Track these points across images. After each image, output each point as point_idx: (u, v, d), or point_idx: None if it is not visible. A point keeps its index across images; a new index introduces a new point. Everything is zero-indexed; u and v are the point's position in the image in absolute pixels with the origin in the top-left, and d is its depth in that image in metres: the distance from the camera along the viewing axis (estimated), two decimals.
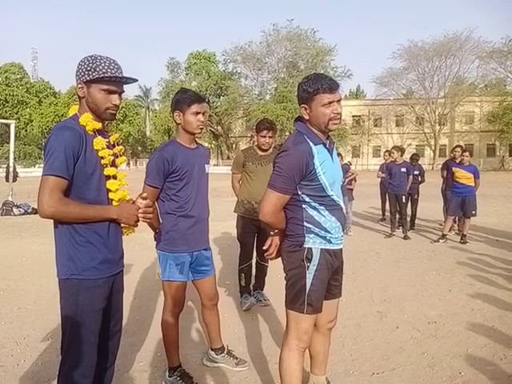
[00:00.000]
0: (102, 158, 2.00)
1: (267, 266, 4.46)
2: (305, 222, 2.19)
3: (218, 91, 47.30)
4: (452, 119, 47.68)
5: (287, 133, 37.33)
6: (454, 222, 8.44)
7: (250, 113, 42.46)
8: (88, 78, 1.94)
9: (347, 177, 8.83)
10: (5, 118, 35.71)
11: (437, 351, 3.31)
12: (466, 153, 7.75)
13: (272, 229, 2.34)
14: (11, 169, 12.26)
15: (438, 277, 5.45)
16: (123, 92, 2.04)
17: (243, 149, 4.52)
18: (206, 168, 2.86)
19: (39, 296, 4.63)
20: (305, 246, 2.20)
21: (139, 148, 56.73)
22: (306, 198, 2.18)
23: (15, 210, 11.53)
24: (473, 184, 7.64)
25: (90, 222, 1.94)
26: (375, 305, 4.40)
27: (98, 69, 1.92)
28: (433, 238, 7.98)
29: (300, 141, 2.16)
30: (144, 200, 2.06)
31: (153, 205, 2.22)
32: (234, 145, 50.74)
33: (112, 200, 2.03)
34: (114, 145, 2.14)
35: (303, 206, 2.19)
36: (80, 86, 1.98)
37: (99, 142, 1.98)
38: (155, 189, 2.64)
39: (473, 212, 7.62)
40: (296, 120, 2.30)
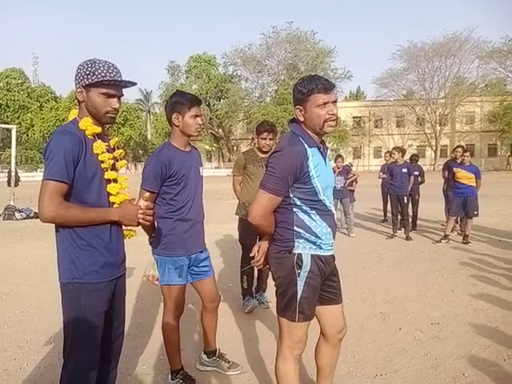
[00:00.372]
0: (102, 162, 2.00)
1: (269, 268, 4.45)
2: (295, 227, 2.12)
3: (219, 94, 47.43)
4: (453, 119, 47.64)
5: None
6: (456, 223, 8.43)
7: (251, 115, 42.56)
8: (87, 82, 1.94)
9: (348, 178, 8.84)
10: (6, 123, 35.69)
11: (440, 352, 3.30)
12: (467, 153, 7.76)
13: (260, 232, 2.23)
14: (13, 173, 12.29)
15: (441, 277, 5.44)
16: (122, 95, 2.05)
17: (244, 151, 4.53)
18: (201, 170, 2.86)
19: (41, 300, 4.63)
20: (294, 252, 2.12)
21: (140, 152, 56.71)
22: (298, 202, 2.11)
23: (17, 215, 11.55)
24: (474, 184, 7.64)
25: (92, 225, 1.94)
26: (378, 306, 4.39)
27: (97, 72, 1.93)
28: (435, 239, 7.97)
29: (295, 142, 2.11)
30: (146, 202, 2.07)
31: (153, 208, 2.22)
32: (235, 147, 50.78)
33: (113, 203, 2.03)
34: (114, 148, 2.15)
35: (294, 210, 2.12)
36: (79, 90, 1.99)
37: (99, 146, 1.98)
38: (152, 193, 2.63)
39: (475, 212, 7.62)
40: (291, 121, 2.25)
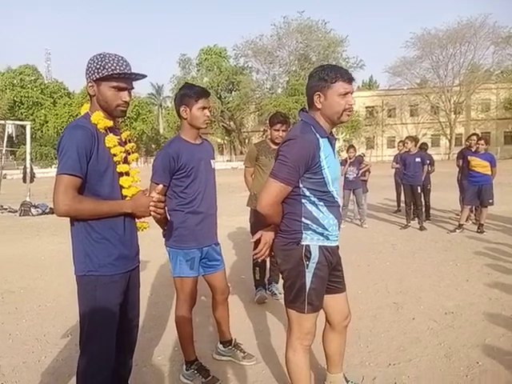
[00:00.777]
0: (115, 156, 2.03)
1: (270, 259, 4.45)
2: (303, 218, 2.10)
3: (230, 86, 47.32)
4: (468, 107, 46.81)
5: None
6: (471, 212, 8.32)
7: (262, 107, 42.43)
8: (98, 76, 1.97)
9: (361, 168, 8.78)
10: (21, 120, 36.20)
11: (454, 341, 3.28)
12: (482, 141, 7.64)
13: (267, 223, 2.21)
14: (28, 170, 12.48)
15: (455, 267, 5.39)
16: (133, 88, 2.07)
17: (256, 142, 4.53)
18: (212, 163, 2.85)
19: (58, 294, 4.72)
20: (302, 244, 2.10)
21: (153, 146, 56.97)
22: (307, 192, 2.09)
23: (33, 211, 11.72)
24: (489, 172, 7.52)
25: (105, 218, 1.97)
26: (391, 296, 4.38)
27: (107, 66, 1.95)
28: (449, 229, 7.89)
29: (307, 131, 2.08)
30: (157, 194, 2.09)
31: (165, 202, 2.24)
32: (247, 140, 50.70)
33: (125, 196, 2.06)
34: (126, 142, 2.17)
35: (303, 201, 2.10)
36: (90, 85, 2.01)
37: (111, 140, 2.01)
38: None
39: (490, 201, 7.51)
40: (301, 111, 2.23)
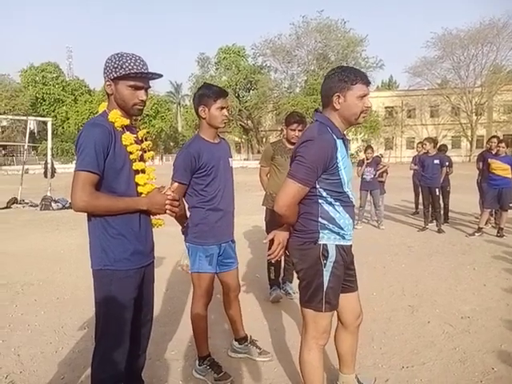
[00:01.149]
0: (131, 153, 2.07)
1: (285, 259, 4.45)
2: (320, 218, 2.12)
3: (248, 85, 47.32)
4: (490, 109, 45.90)
5: None
6: (491, 215, 8.19)
7: (280, 106, 42.32)
8: (115, 75, 2.00)
9: (378, 169, 8.71)
10: (42, 116, 36.75)
11: (469, 346, 3.24)
12: (503, 143, 7.52)
13: (282, 223, 2.23)
14: (49, 165, 12.74)
15: (473, 271, 5.31)
16: (149, 87, 2.10)
17: (272, 142, 4.53)
18: (230, 162, 2.91)
19: (76, 287, 4.81)
20: (320, 243, 2.12)
21: (171, 143, 57.38)
22: (324, 193, 2.11)
23: (53, 205, 11.96)
24: (509, 175, 7.37)
25: (121, 214, 2.01)
26: (406, 299, 4.34)
27: (125, 66, 1.98)
28: (468, 232, 7.77)
29: (324, 131, 2.08)
30: (172, 193, 2.12)
31: (179, 200, 2.27)
32: (264, 139, 50.65)
33: (141, 193, 2.10)
34: (142, 140, 2.21)
35: (319, 201, 2.12)
36: (108, 84, 2.05)
37: (127, 138, 2.05)
38: (182, 185, 2.69)
39: (510, 204, 7.39)
40: (316, 111, 2.24)
